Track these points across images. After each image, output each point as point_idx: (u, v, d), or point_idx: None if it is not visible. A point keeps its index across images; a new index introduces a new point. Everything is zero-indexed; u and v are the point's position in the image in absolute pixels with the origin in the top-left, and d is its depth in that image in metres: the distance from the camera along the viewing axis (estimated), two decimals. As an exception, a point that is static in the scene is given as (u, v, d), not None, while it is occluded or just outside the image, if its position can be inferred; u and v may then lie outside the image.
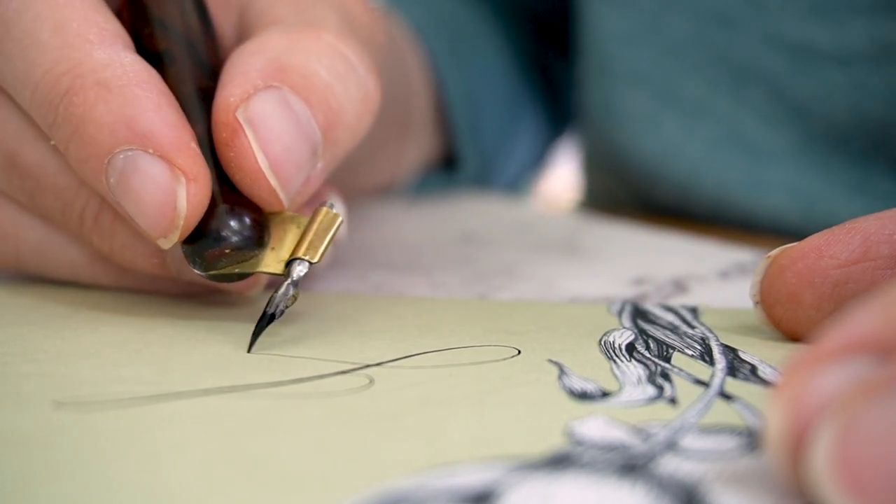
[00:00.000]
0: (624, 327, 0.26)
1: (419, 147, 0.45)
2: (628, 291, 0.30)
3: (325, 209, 0.25)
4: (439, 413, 0.20)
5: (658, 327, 0.26)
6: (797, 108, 0.41)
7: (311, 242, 0.24)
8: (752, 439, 0.18)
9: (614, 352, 0.24)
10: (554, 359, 0.23)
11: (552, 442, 0.18)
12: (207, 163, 0.24)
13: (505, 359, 0.23)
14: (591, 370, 0.22)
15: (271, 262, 0.24)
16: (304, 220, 0.25)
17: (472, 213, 0.45)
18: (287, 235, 0.25)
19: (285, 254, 0.24)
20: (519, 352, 0.24)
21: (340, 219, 0.25)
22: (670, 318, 0.27)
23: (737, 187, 0.43)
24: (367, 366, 0.22)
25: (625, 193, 0.48)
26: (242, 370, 0.22)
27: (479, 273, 0.32)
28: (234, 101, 0.24)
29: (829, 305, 0.23)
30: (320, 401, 0.20)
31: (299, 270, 0.24)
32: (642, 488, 0.16)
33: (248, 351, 0.23)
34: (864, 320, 0.16)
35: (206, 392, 0.20)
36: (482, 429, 0.19)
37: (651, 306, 0.28)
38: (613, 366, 0.23)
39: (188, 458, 0.17)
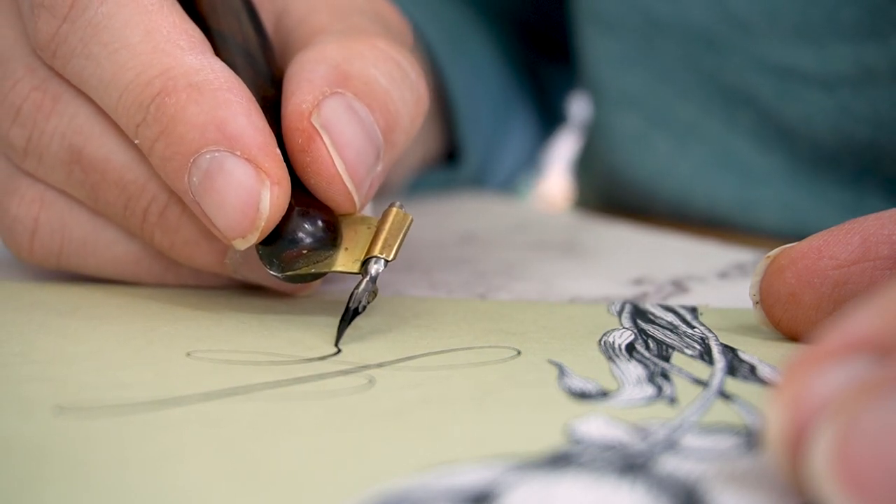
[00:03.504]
0: (624, 327, 0.26)
1: (420, 143, 0.45)
2: (628, 291, 0.30)
3: (395, 209, 0.25)
4: (440, 413, 0.20)
5: (658, 327, 0.26)
6: (785, 131, 0.41)
7: (385, 241, 0.25)
8: (751, 438, 0.19)
9: (614, 351, 0.24)
10: (554, 359, 0.23)
11: (552, 441, 0.18)
12: None
13: (505, 359, 0.23)
14: (590, 370, 0.22)
15: (346, 261, 0.25)
16: (374, 221, 0.25)
17: (471, 213, 0.45)
18: (358, 236, 0.25)
19: (360, 253, 0.25)
20: (519, 352, 0.24)
21: (411, 218, 0.25)
22: (670, 317, 0.27)
23: (728, 208, 0.43)
24: (368, 366, 0.22)
25: (617, 209, 0.48)
26: (243, 371, 0.22)
27: (479, 273, 0.32)
28: (306, 108, 0.25)
29: (829, 305, 0.23)
30: (321, 401, 0.20)
31: (377, 268, 0.25)
32: (642, 487, 0.16)
33: (336, 344, 0.24)
34: (863, 320, 0.16)
35: (207, 396, 0.20)
36: (482, 429, 0.19)
37: (651, 306, 0.28)
38: (613, 366, 0.23)
39: (188, 464, 0.17)
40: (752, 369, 0.23)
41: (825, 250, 0.23)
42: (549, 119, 0.58)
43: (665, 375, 0.22)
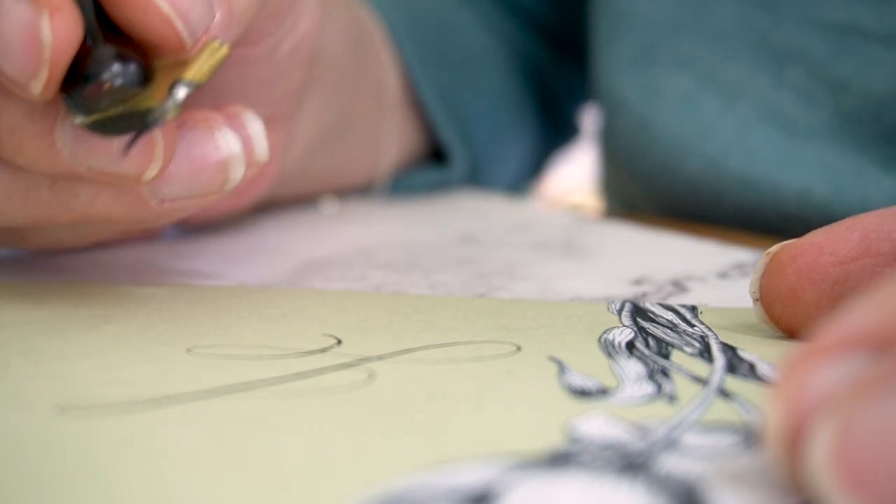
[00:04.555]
0: (623, 325, 0.26)
1: (396, 129, 0.45)
2: (628, 291, 0.30)
3: (212, 42, 0.24)
4: (439, 409, 0.20)
5: (657, 325, 0.26)
6: (834, 85, 0.41)
7: (196, 66, 0.23)
8: (750, 437, 0.19)
9: (614, 349, 0.24)
10: (554, 356, 0.23)
11: (551, 439, 0.18)
12: (86, 9, 0.23)
13: (505, 355, 0.23)
14: (590, 367, 0.22)
15: (156, 95, 0.23)
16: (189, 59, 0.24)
17: (472, 213, 0.45)
18: (173, 72, 0.23)
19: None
20: (519, 348, 0.24)
21: (228, 48, 0.23)
22: (669, 316, 0.27)
23: (767, 165, 0.43)
24: (369, 359, 0.22)
25: (644, 194, 0.48)
26: (243, 366, 0.22)
27: (479, 273, 0.32)
28: None
29: (829, 302, 0.23)
30: (321, 398, 0.20)
31: (182, 90, 0.23)
32: (641, 486, 0.16)
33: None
34: (861, 315, 0.16)
35: (208, 394, 0.20)
36: (482, 426, 0.19)
37: (650, 305, 0.28)
38: (613, 363, 0.23)
39: (188, 463, 0.17)
40: (752, 367, 0.23)
41: (825, 247, 0.23)
42: (558, 129, 0.57)
43: (665, 373, 0.22)
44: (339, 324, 0.25)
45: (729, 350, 0.24)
